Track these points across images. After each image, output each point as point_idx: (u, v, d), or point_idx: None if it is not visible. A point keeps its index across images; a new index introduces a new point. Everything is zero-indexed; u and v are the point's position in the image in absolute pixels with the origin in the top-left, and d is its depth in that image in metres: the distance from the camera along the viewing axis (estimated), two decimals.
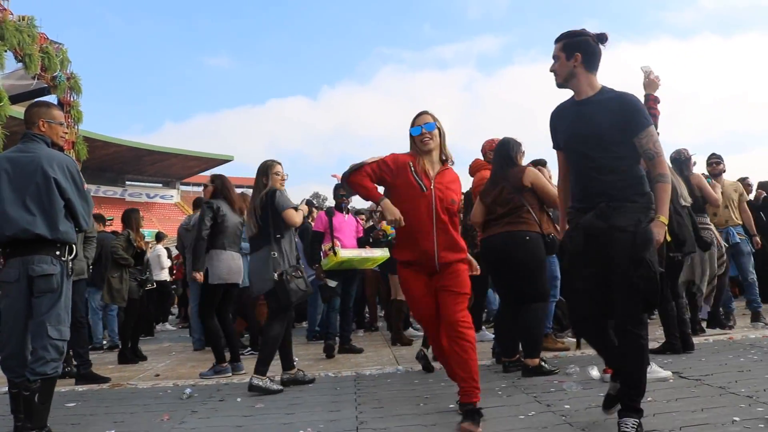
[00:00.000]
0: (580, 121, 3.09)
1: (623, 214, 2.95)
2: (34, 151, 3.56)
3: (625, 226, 2.93)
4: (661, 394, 3.76)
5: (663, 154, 3.06)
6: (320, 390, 4.67)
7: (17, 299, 3.48)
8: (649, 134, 3.02)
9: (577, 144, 3.12)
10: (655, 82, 4.25)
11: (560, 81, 3.15)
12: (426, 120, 3.60)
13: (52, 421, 3.55)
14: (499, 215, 4.85)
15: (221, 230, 5.67)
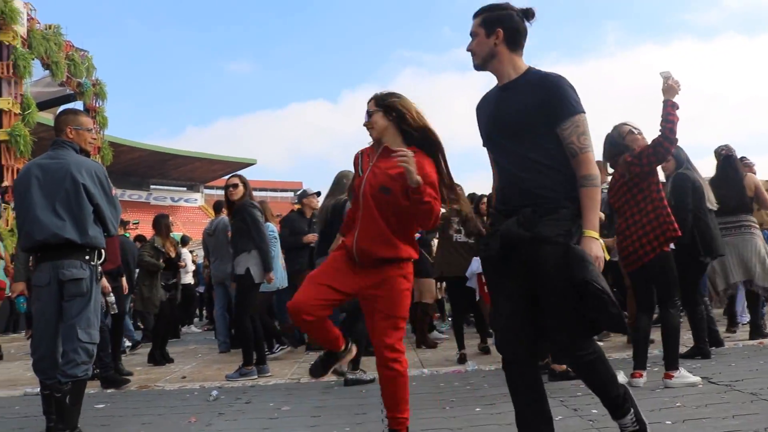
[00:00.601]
0: (499, 108, 2.62)
1: (552, 221, 2.46)
2: (63, 157, 3.62)
3: (552, 237, 2.44)
4: (690, 399, 3.71)
5: (590, 151, 2.51)
6: (346, 393, 4.68)
7: (48, 303, 3.55)
8: (574, 125, 2.49)
9: (497, 135, 2.65)
10: (674, 87, 4.18)
11: (478, 62, 2.66)
12: (367, 108, 3.13)
13: (83, 422, 3.61)
14: None
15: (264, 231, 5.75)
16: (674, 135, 4.16)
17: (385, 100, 3.09)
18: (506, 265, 2.54)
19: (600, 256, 2.45)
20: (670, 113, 4.14)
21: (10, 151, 15.82)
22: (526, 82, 2.57)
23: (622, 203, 4.38)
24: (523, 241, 2.45)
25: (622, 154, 4.39)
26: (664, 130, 4.15)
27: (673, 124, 4.14)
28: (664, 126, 4.15)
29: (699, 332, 5.14)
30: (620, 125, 4.53)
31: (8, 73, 16.79)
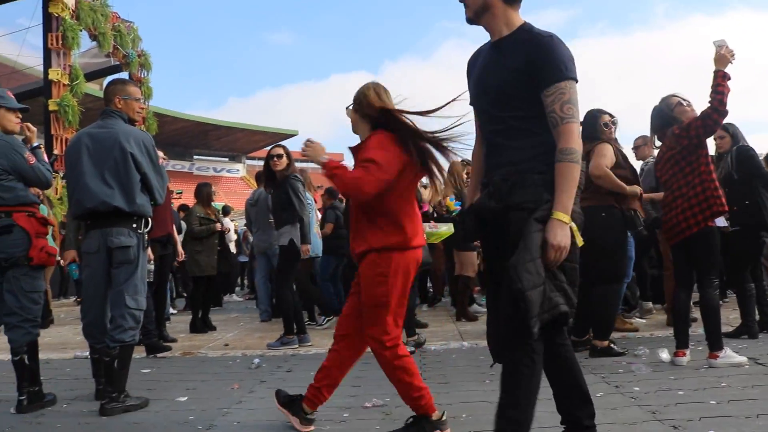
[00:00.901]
0: (486, 69, 2.38)
1: (523, 188, 2.22)
2: (112, 126, 3.68)
3: (520, 204, 2.20)
4: (736, 379, 3.64)
5: (573, 122, 2.20)
6: None
7: (97, 270, 3.65)
8: (559, 92, 2.20)
9: (481, 98, 2.42)
10: (726, 57, 4.02)
11: (470, 15, 2.39)
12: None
13: (129, 385, 3.71)
14: (584, 189, 4.73)
15: (306, 204, 5.78)
16: (724, 107, 4.02)
17: (355, 95, 3.04)
18: (488, 247, 2.40)
19: (563, 246, 2.14)
20: (720, 84, 4.00)
21: (59, 121, 16.11)
22: (515, 41, 2.30)
23: (669, 176, 4.27)
24: (496, 214, 2.26)
25: (670, 127, 4.28)
26: (713, 102, 4.02)
27: (722, 95, 4.00)
28: (714, 97, 4.02)
29: (747, 310, 5.04)
30: (669, 96, 4.40)
31: (57, 45, 17.03)
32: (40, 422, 3.41)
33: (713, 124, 4.10)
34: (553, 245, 2.12)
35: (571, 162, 2.18)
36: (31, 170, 3.66)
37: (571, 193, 2.19)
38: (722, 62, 4.02)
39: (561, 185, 2.18)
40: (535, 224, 2.14)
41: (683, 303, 4.28)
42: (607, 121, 4.74)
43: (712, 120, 4.06)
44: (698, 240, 4.11)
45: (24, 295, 3.64)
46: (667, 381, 3.72)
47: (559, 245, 2.13)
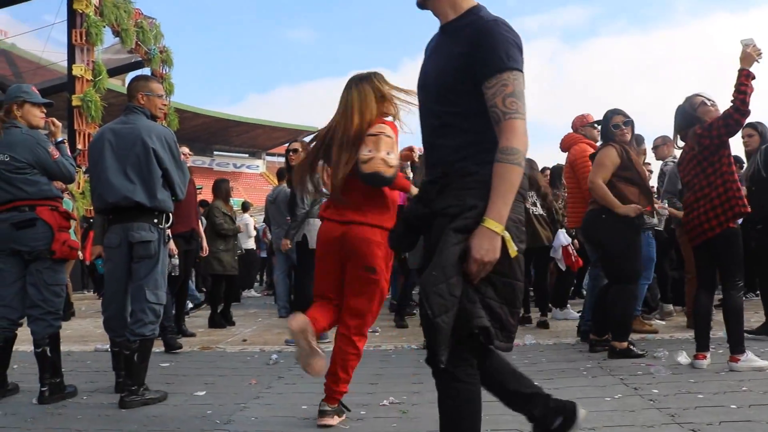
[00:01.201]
0: (429, 61, 2.17)
1: (450, 192, 1.97)
2: (135, 122, 3.71)
3: (444, 208, 1.96)
4: (757, 384, 3.60)
5: (518, 118, 1.91)
6: (404, 362, 4.72)
7: (118, 264, 3.69)
8: (501, 83, 1.91)
9: (420, 91, 2.20)
10: (752, 55, 3.95)
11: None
12: None
13: (149, 379, 3.75)
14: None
15: (316, 200, 5.74)
16: (746, 106, 3.95)
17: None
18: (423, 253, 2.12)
19: (487, 260, 1.85)
20: (743, 83, 3.94)
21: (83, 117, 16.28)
22: (459, 27, 2.04)
23: (691, 177, 4.23)
24: (424, 220, 2.05)
25: (693, 126, 4.23)
26: (736, 101, 3.97)
27: (745, 94, 3.94)
28: (736, 97, 3.97)
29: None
30: (693, 96, 4.34)
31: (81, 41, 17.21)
32: (61, 413, 3.45)
33: (735, 124, 4.04)
34: (476, 259, 1.85)
35: (511, 163, 1.89)
36: (55, 165, 3.71)
37: (507, 199, 1.89)
38: (748, 61, 3.96)
39: (496, 188, 1.89)
40: (454, 235, 1.88)
41: (704, 305, 4.23)
42: (618, 122, 4.70)
43: (734, 120, 4.00)
44: (721, 241, 4.06)
45: (46, 288, 3.69)
46: (686, 384, 3.68)
47: (482, 259, 1.84)
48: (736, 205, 4.01)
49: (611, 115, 4.76)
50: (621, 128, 4.71)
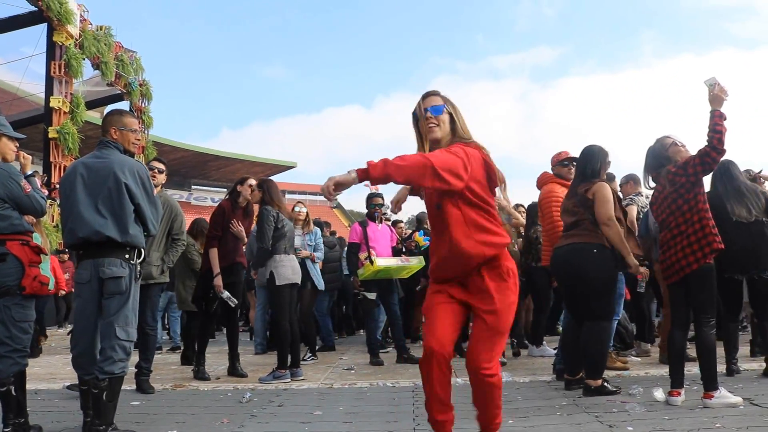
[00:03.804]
0: None
1: None
2: (108, 156, 3.69)
3: None
4: (730, 420, 3.60)
5: None
6: (378, 400, 4.66)
7: (89, 300, 3.62)
8: None
9: None
10: (721, 96, 4.03)
11: None
12: (432, 102, 2.88)
13: (118, 418, 3.67)
14: (566, 227, 4.81)
15: (282, 235, 5.74)
16: (722, 145, 4.03)
17: (446, 97, 2.91)
18: None
19: None
20: (717, 123, 4.02)
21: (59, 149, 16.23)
22: None
23: (666, 215, 4.27)
24: None
25: (664, 167, 4.30)
26: (712, 140, 4.03)
27: (721, 134, 4.02)
28: (712, 136, 4.03)
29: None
30: (663, 138, 4.43)
31: (60, 73, 17.22)
32: None
33: (711, 162, 4.11)
34: None
35: None
36: (27, 199, 3.66)
37: None
38: (718, 102, 4.04)
39: None
40: None
41: (678, 342, 4.25)
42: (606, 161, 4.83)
43: (711, 158, 4.07)
44: (697, 277, 4.10)
45: (14, 325, 3.61)
46: (661, 421, 3.68)
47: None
48: (714, 242, 4.06)
49: (600, 150, 4.86)
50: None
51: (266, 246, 5.65)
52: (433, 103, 2.87)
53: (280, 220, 5.72)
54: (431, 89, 2.96)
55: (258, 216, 5.75)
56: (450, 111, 2.88)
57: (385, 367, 6.46)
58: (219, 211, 6.04)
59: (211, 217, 6.12)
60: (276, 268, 5.69)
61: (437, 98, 2.89)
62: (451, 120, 2.87)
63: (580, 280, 4.67)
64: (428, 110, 2.85)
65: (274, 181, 6.11)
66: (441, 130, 2.85)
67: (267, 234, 5.63)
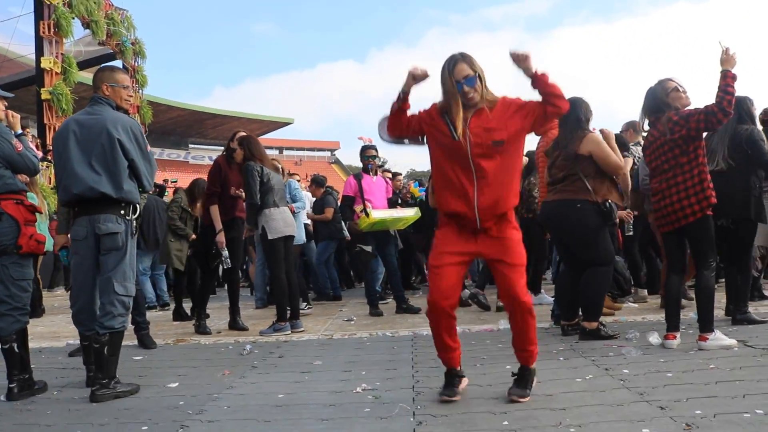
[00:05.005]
0: None
1: None
2: (100, 113, 3.66)
3: None
4: (724, 362, 3.65)
5: None
6: (378, 349, 4.72)
7: (85, 256, 3.64)
8: None
9: None
10: (733, 58, 3.99)
11: None
12: (464, 73, 3.06)
13: (121, 372, 3.72)
14: (555, 181, 4.79)
15: (269, 189, 5.72)
16: (731, 107, 3.97)
17: (472, 61, 3.11)
18: None
19: None
20: (729, 84, 3.95)
21: (52, 110, 16.08)
22: None
23: (660, 162, 4.25)
24: None
25: (662, 111, 4.24)
26: (722, 102, 3.96)
27: (732, 96, 3.95)
28: (722, 97, 3.96)
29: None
30: (666, 80, 4.34)
31: (50, 33, 16.94)
32: (30, 409, 3.41)
33: (716, 123, 4.05)
34: None
35: None
36: (19, 157, 3.64)
37: None
38: (730, 63, 3.97)
39: None
40: None
41: (674, 287, 4.30)
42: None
43: (716, 119, 4.00)
44: (696, 227, 4.12)
45: (13, 284, 3.63)
46: (656, 363, 3.73)
47: None
48: (711, 196, 4.07)
49: (586, 104, 4.85)
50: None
51: (254, 201, 5.64)
52: (465, 74, 3.06)
53: (265, 174, 5.68)
54: (457, 53, 3.13)
55: (242, 172, 5.71)
56: (479, 74, 3.09)
57: (384, 318, 6.54)
58: (215, 167, 6.03)
59: (208, 174, 6.10)
60: (267, 223, 5.69)
61: (466, 66, 3.07)
62: (481, 82, 3.10)
63: (569, 235, 4.73)
64: (464, 84, 3.05)
65: (254, 137, 6.05)
66: (478, 93, 3.09)
67: (253, 189, 5.61)
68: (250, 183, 5.60)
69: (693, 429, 2.53)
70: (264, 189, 5.66)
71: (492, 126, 3.06)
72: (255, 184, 5.60)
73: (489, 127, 3.06)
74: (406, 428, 2.77)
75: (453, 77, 3.06)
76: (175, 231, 7.32)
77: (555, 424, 2.70)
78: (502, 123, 3.07)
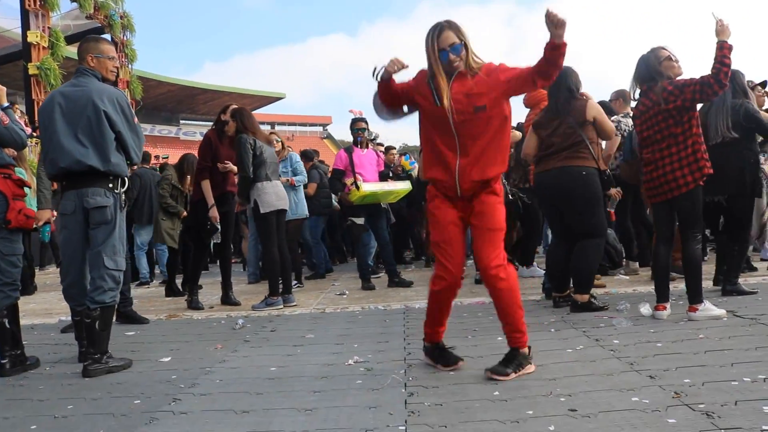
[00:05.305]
0: None
1: None
2: (85, 85, 3.61)
3: None
4: (713, 331, 3.68)
5: None
6: (370, 323, 4.74)
7: (74, 231, 3.62)
8: None
9: None
10: (728, 29, 3.95)
11: None
12: (449, 41, 3.03)
13: (113, 347, 3.72)
14: (557, 149, 4.71)
15: (261, 162, 5.67)
16: (727, 79, 3.95)
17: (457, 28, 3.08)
18: None
19: None
20: (726, 56, 3.92)
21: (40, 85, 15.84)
22: None
23: (653, 131, 4.22)
24: None
25: (654, 80, 4.21)
26: (718, 73, 3.93)
27: (728, 67, 3.92)
28: (719, 69, 3.93)
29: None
30: (659, 48, 4.29)
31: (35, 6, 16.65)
32: (23, 384, 3.41)
33: (712, 94, 4.03)
34: None
35: None
36: (6, 131, 3.59)
37: None
38: (725, 33, 3.95)
39: None
40: None
41: (663, 257, 4.32)
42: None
43: (712, 90, 3.98)
44: (686, 199, 4.12)
45: (3, 259, 3.61)
46: (646, 334, 3.75)
47: None
48: (705, 167, 4.06)
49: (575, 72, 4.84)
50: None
51: (247, 174, 5.59)
52: (450, 41, 3.03)
53: (258, 146, 5.63)
54: (443, 20, 3.11)
55: (235, 145, 5.65)
56: (465, 42, 3.07)
57: (376, 292, 6.55)
58: (206, 141, 5.97)
59: (198, 149, 6.04)
60: (259, 196, 5.65)
61: (451, 34, 3.04)
62: (466, 50, 3.07)
63: (572, 203, 4.68)
64: (449, 52, 3.03)
65: (246, 109, 5.96)
66: (463, 62, 3.07)
67: (246, 161, 5.56)
68: (243, 156, 5.55)
69: (682, 397, 2.55)
70: (257, 162, 5.62)
71: (473, 91, 3.05)
72: (248, 157, 5.55)
73: (470, 93, 3.05)
74: (398, 399, 2.79)
75: (438, 45, 3.04)
76: (166, 209, 7.30)
77: (545, 394, 2.72)
78: (484, 88, 3.05)
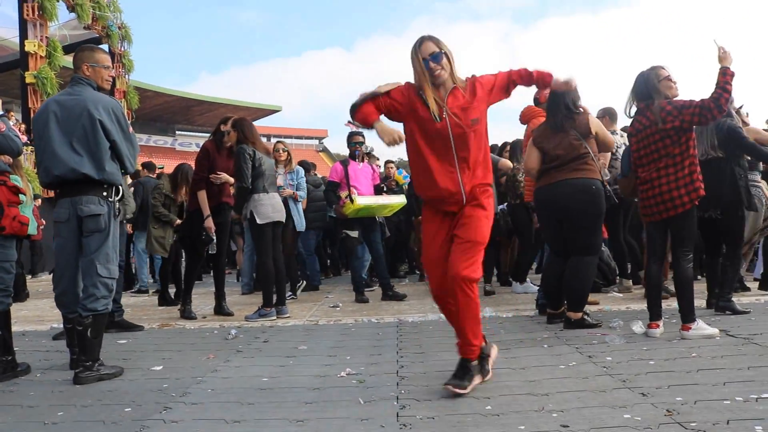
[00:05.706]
0: None
1: None
2: (80, 93, 3.62)
3: None
4: (706, 350, 3.69)
5: None
6: (363, 335, 4.73)
7: (68, 238, 3.61)
8: None
9: None
10: (730, 55, 4.00)
11: None
12: (430, 50, 3.11)
13: (105, 355, 3.71)
14: (561, 162, 4.65)
15: (260, 173, 5.66)
16: (727, 105, 4.01)
17: (438, 41, 3.17)
18: None
19: None
20: (728, 82, 3.96)
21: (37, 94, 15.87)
22: None
23: (650, 151, 4.23)
24: None
25: (651, 98, 4.23)
26: (719, 99, 3.96)
27: (729, 93, 3.96)
28: (720, 95, 3.96)
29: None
30: (658, 67, 4.31)
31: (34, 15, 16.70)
32: (13, 390, 3.39)
33: (711, 118, 4.05)
34: None
35: None
36: (2, 138, 3.59)
37: None
38: (728, 60, 3.99)
39: None
40: None
41: (655, 275, 4.33)
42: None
43: (711, 115, 4.00)
44: (682, 218, 4.14)
45: None
46: (639, 351, 3.76)
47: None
48: (700, 188, 4.09)
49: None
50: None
51: (245, 185, 5.58)
52: (431, 51, 3.11)
53: (257, 158, 5.63)
54: (425, 35, 3.21)
55: (234, 155, 5.65)
56: (446, 52, 3.14)
57: (370, 305, 6.54)
58: (203, 152, 5.97)
59: (196, 160, 6.03)
60: (256, 207, 5.65)
61: (432, 44, 3.13)
62: (448, 60, 3.15)
63: (576, 217, 4.65)
64: (430, 60, 3.10)
65: (248, 120, 5.96)
66: (445, 71, 3.13)
67: (245, 172, 5.55)
68: (242, 166, 5.56)
69: (674, 415, 2.55)
70: (255, 173, 5.62)
71: (467, 105, 3.15)
72: (247, 168, 5.55)
73: (465, 107, 3.14)
74: (390, 412, 2.78)
75: (420, 55, 3.13)
76: (158, 218, 7.29)
77: (537, 409, 2.72)
78: (474, 101, 3.16)
